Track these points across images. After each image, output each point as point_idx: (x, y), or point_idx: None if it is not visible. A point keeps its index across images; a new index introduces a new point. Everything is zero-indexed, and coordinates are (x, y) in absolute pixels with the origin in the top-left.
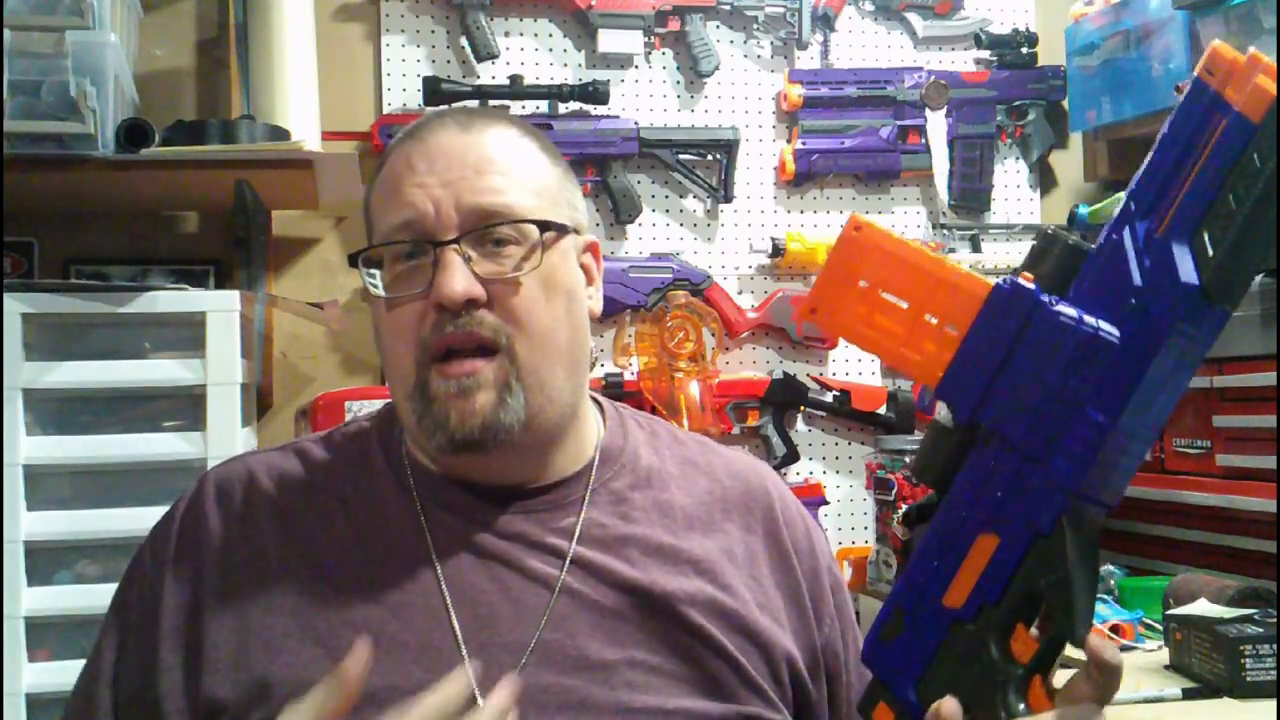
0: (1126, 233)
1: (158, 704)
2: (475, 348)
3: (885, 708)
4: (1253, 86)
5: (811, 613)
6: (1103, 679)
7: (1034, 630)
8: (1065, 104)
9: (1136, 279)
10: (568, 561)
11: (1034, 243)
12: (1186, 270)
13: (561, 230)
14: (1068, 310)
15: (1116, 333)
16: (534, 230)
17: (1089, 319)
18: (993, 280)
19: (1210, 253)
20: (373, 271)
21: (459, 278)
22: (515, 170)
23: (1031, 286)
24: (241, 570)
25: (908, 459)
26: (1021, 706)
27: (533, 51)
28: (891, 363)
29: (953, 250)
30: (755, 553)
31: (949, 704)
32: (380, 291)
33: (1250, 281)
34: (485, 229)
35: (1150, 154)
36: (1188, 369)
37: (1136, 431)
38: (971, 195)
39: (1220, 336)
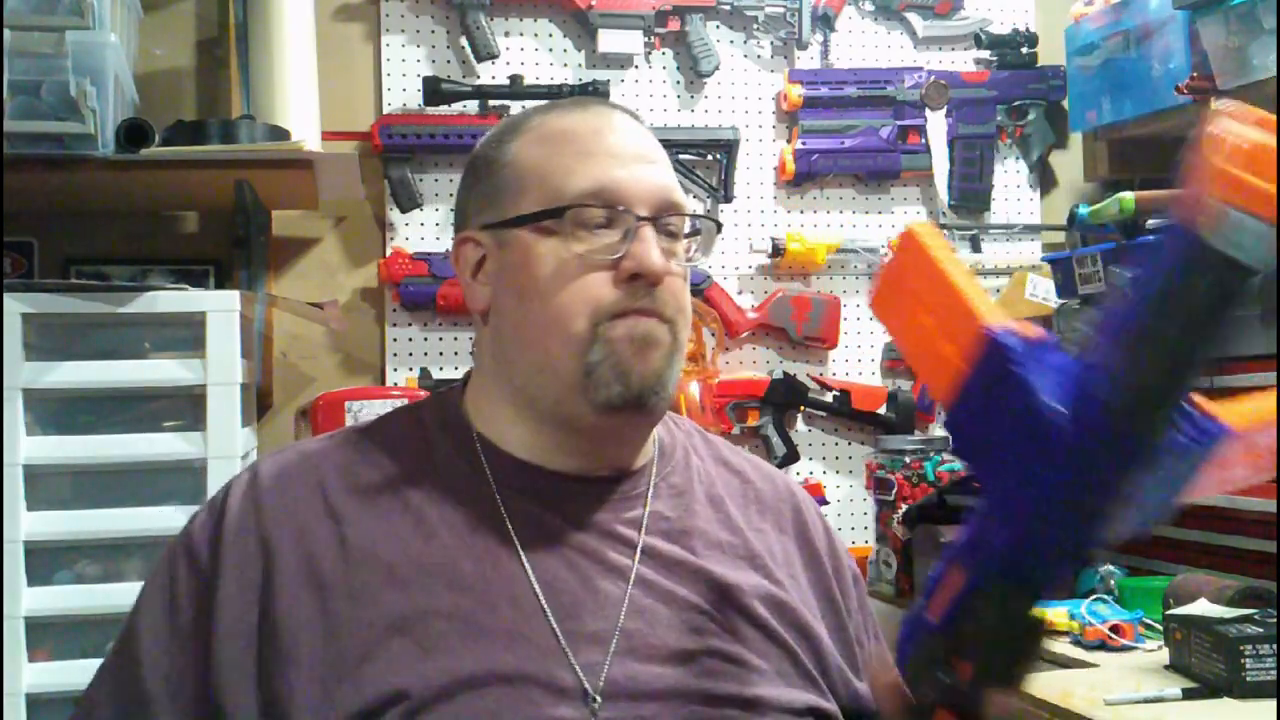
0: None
1: (221, 706)
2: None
3: None
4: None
5: (843, 609)
6: None
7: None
8: (1065, 104)
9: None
10: (639, 552)
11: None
12: (1102, 384)
13: (708, 235)
14: (1031, 380)
15: (1065, 418)
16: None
17: (1045, 399)
18: (989, 324)
19: (1122, 372)
20: (546, 223)
21: (659, 253)
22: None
23: (1010, 343)
24: (320, 560)
25: (908, 459)
26: None
27: (533, 51)
28: (920, 377)
29: (952, 250)
30: (789, 551)
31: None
32: (570, 246)
33: (1162, 412)
34: (670, 217)
35: None
36: (1112, 487)
37: (1063, 522)
38: (971, 195)
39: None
